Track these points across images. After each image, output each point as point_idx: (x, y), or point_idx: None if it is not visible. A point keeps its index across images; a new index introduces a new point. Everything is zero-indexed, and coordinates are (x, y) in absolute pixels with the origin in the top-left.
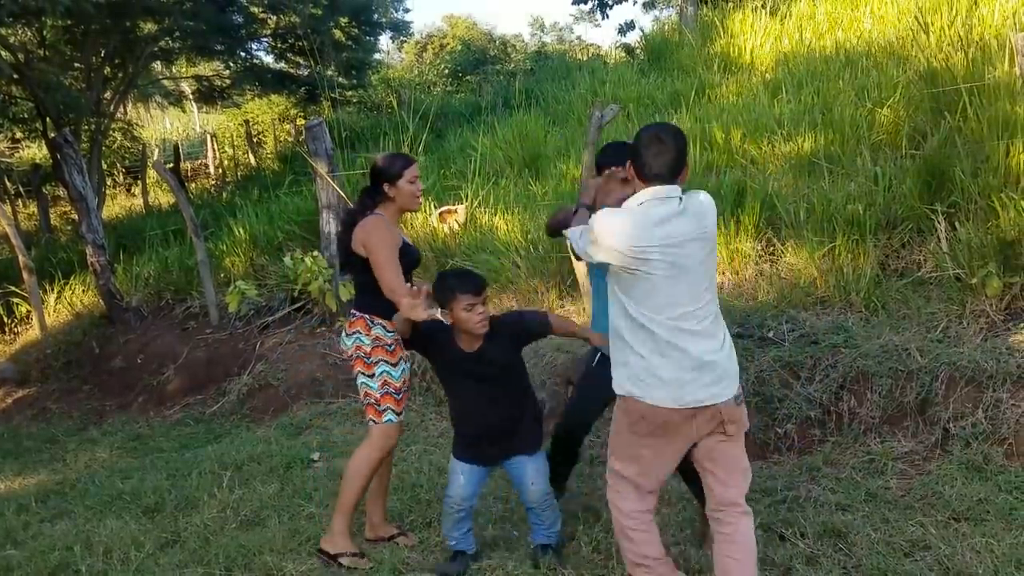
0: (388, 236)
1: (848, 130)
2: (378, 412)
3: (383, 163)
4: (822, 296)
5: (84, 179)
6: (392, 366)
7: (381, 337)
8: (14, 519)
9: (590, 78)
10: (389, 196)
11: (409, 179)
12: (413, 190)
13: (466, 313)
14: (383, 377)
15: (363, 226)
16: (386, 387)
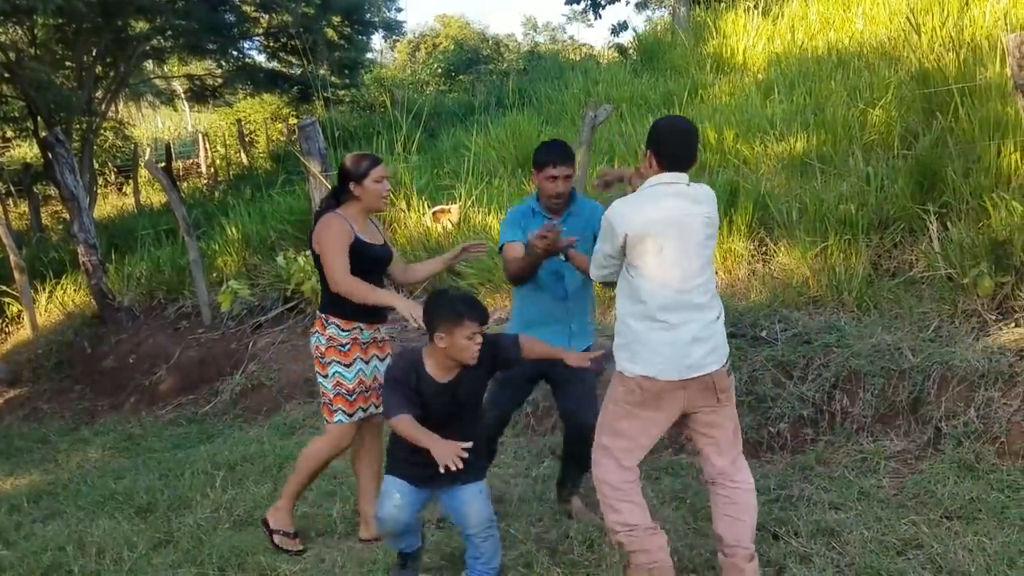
0: (336, 232)
1: (840, 130)
2: (330, 412)
3: (350, 163)
4: (814, 296)
5: (76, 178)
6: (345, 367)
7: (335, 337)
8: (6, 519)
9: (583, 78)
10: (355, 196)
11: (375, 179)
12: (379, 190)
13: (467, 341)
14: (335, 378)
15: (318, 224)
16: (338, 388)
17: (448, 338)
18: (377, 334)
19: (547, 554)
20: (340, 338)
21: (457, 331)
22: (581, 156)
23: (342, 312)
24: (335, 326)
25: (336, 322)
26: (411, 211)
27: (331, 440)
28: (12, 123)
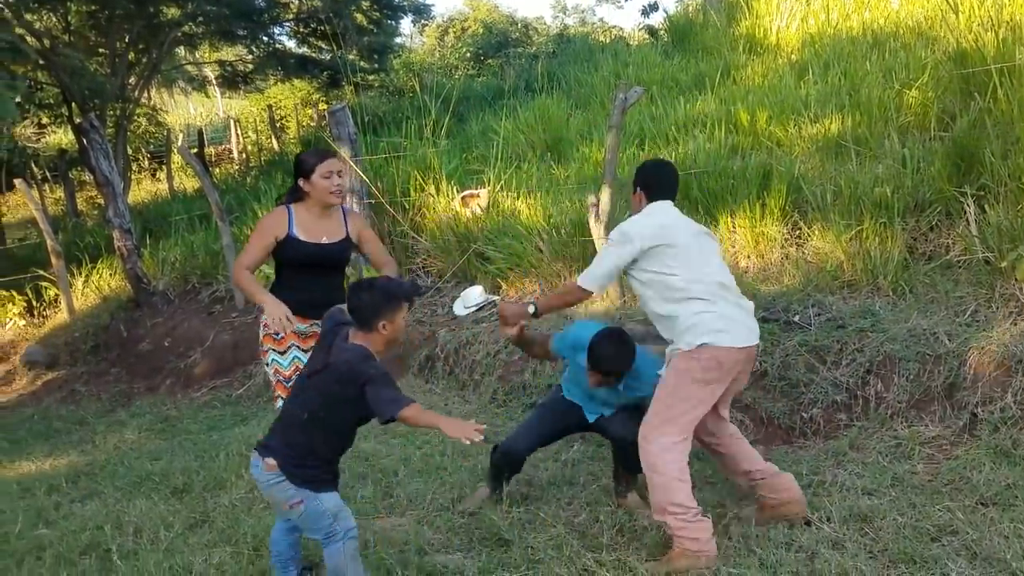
0: (265, 224)
1: (876, 112)
2: (273, 398)
3: (300, 159)
4: (849, 280)
5: (110, 164)
6: (280, 354)
7: (268, 324)
8: (45, 499)
9: (613, 60)
10: (306, 190)
11: (322, 174)
12: (327, 185)
13: (404, 322)
14: (273, 365)
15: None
16: (276, 375)
17: (391, 325)
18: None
19: (577, 537)
20: (270, 326)
21: (399, 314)
22: (611, 139)
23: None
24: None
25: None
26: (440, 196)
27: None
28: (47, 110)
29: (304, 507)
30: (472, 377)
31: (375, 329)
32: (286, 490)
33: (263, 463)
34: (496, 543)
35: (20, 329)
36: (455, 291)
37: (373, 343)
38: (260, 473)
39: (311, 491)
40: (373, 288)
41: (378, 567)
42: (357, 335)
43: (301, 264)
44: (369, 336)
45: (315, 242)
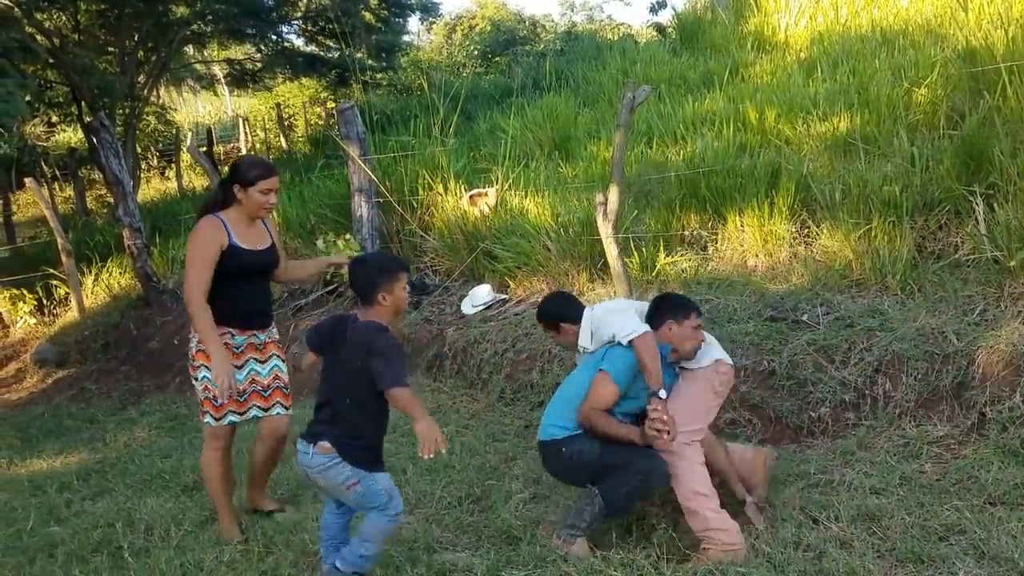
0: (204, 241)
1: (884, 110)
2: (201, 413)
3: (243, 166)
4: (857, 279)
5: (120, 163)
6: (209, 370)
7: (210, 386)
8: (57, 497)
9: (621, 58)
10: (239, 199)
11: (262, 189)
12: (263, 201)
13: (403, 292)
14: (204, 382)
15: (198, 225)
16: (205, 392)
17: (391, 296)
18: (255, 339)
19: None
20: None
21: (396, 285)
22: (620, 138)
23: (219, 315)
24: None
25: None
26: (448, 194)
27: (208, 442)
28: (57, 108)
29: (361, 487)
30: (480, 376)
31: (376, 302)
32: (342, 471)
33: (315, 448)
34: (504, 541)
35: (31, 327)
36: (463, 290)
37: (380, 316)
38: (312, 459)
39: (366, 471)
40: (367, 263)
41: (387, 564)
42: (365, 313)
43: (241, 273)
44: (372, 310)
45: (253, 248)
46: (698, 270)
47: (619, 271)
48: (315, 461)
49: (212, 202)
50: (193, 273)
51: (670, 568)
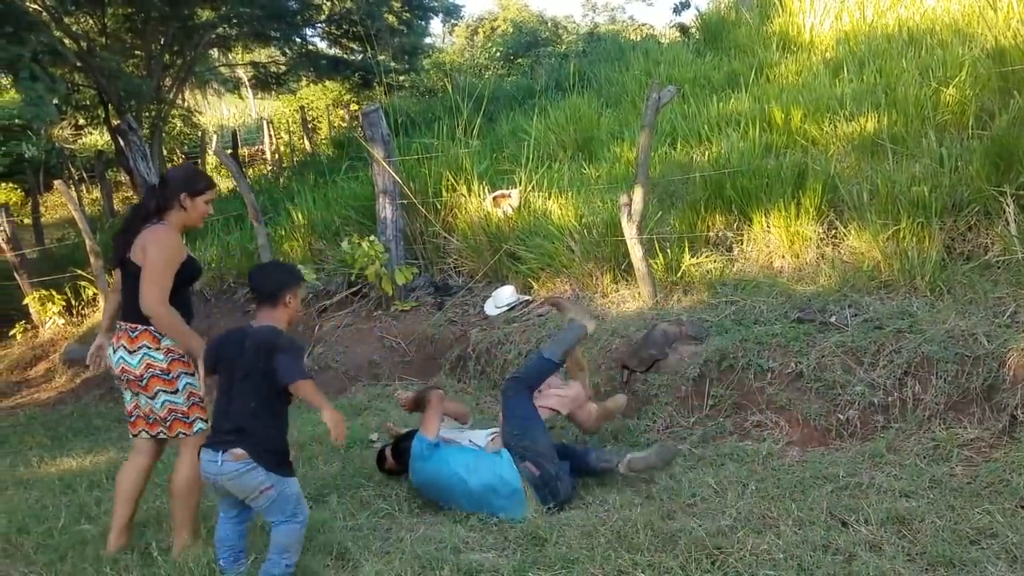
0: (172, 250)
1: (912, 110)
2: (187, 424)
3: (191, 175)
4: (886, 280)
5: (148, 165)
6: (190, 376)
7: (173, 348)
8: (86, 495)
9: (644, 59)
10: (183, 207)
11: (207, 199)
12: (206, 211)
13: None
14: (187, 389)
15: (151, 232)
16: (192, 398)
17: (295, 299)
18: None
19: (612, 537)
20: (177, 349)
21: (299, 291)
22: (644, 138)
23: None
24: (170, 339)
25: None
26: (471, 196)
27: (192, 452)
28: (84, 111)
29: (274, 491)
30: (504, 376)
31: (282, 303)
32: (256, 476)
33: (228, 455)
34: (530, 542)
35: (59, 328)
36: (486, 291)
37: (279, 319)
38: (222, 467)
39: (279, 475)
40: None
41: (413, 564)
42: (262, 318)
43: (188, 282)
44: (275, 312)
45: (194, 257)
46: (724, 271)
47: (644, 272)
48: (227, 468)
49: (148, 211)
50: (162, 282)
51: (698, 571)
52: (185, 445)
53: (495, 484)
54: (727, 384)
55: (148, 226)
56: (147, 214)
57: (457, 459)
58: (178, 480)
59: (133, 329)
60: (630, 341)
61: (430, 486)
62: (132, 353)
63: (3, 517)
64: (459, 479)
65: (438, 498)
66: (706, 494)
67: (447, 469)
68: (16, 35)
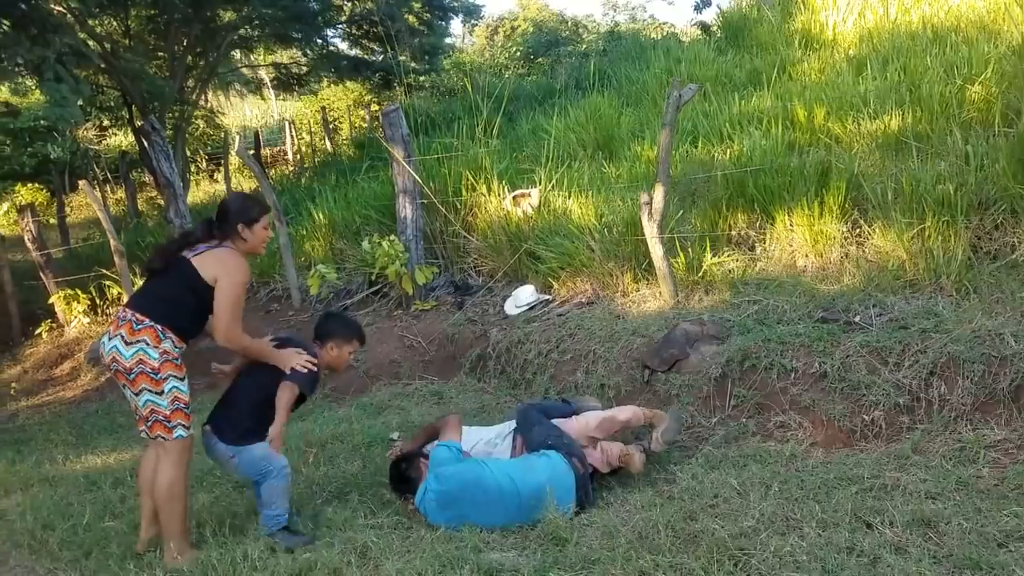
0: (245, 277)
1: (937, 108)
2: (167, 428)
3: (242, 203)
4: (911, 279)
5: (171, 165)
6: (180, 380)
7: (169, 351)
8: (111, 492)
9: (665, 57)
10: (243, 237)
11: (264, 225)
12: (266, 236)
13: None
14: (173, 393)
15: (224, 257)
16: (176, 403)
17: (337, 349)
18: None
19: (633, 538)
20: (174, 352)
21: (347, 346)
22: (665, 137)
23: (183, 331)
24: (171, 341)
25: (172, 338)
26: (491, 195)
27: (177, 455)
28: (108, 112)
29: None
30: (524, 376)
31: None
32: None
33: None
34: (551, 542)
35: (84, 326)
36: (506, 290)
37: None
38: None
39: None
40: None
41: (434, 563)
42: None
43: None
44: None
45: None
46: (746, 270)
47: (664, 271)
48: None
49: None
50: (237, 312)
51: (721, 572)
52: (166, 451)
53: (551, 483)
54: (750, 384)
55: (218, 247)
56: (194, 241)
57: (501, 464)
58: (158, 485)
59: (139, 321)
60: (651, 341)
61: (462, 492)
62: (128, 345)
63: (29, 514)
64: (509, 482)
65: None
66: (728, 495)
67: (489, 474)
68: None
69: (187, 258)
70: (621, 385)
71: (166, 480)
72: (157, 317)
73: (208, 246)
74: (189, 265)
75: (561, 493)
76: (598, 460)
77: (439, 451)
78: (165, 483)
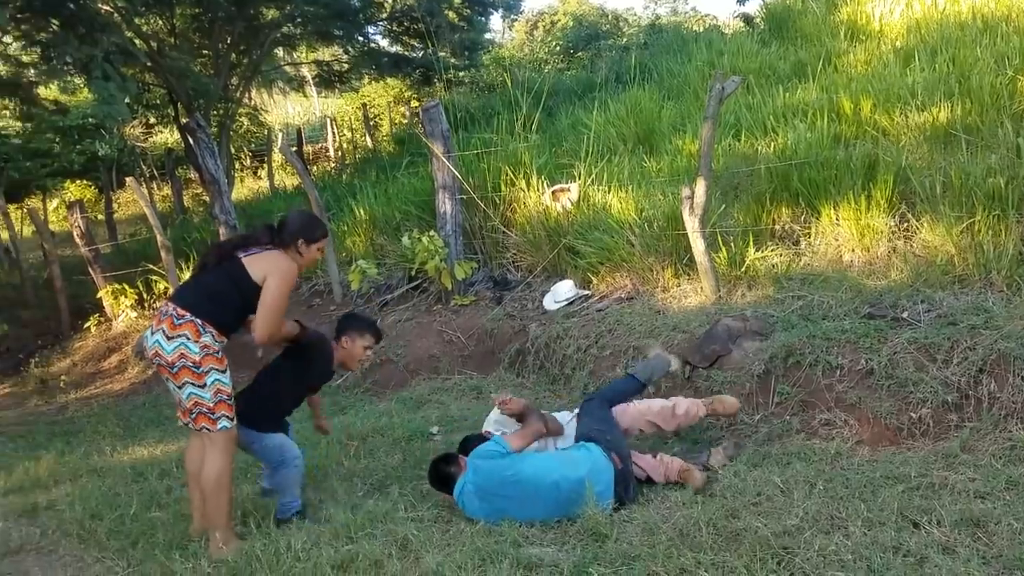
0: (292, 279)
1: (987, 100)
2: (211, 420)
3: (307, 223)
4: (960, 274)
5: (216, 162)
6: (222, 373)
7: (210, 345)
8: (157, 483)
9: (707, 50)
10: (299, 252)
11: (320, 247)
12: (318, 258)
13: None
14: (215, 386)
15: (277, 259)
16: (219, 395)
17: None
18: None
19: (675, 535)
20: (215, 346)
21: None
22: (707, 130)
23: (223, 324)
24: (211, 335)
25: (212, 332)
26: (530, 190)
27: (224, 445)
28: (154, 110)
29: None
30: (563, 371)
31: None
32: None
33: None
34: (591, 538)
35: (131, 321)
36: (545, 286)
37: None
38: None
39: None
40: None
41: (473, 556)
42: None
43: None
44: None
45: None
46: (790, 265)
47: (706, 266)
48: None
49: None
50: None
51: (764, 571)
52: (212, 442)
53: (590, 478)
54: (794, 381)
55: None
56: (255, 241)
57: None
58: (206, 476)
59: (180, 316)
60: (692, 337)
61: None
62: (170, 339)
63: (77, 504)
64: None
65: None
66: (772, 493)
67: (528, 468)
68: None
69: (239, 257)
70: (661, 381)
71: (214, 470)
72: (198, 312)
73: (262, 249)
74: (239, 264)
75: (601, 488)
76: (653, 468)
77: (485, 445)
78: (213, 473)
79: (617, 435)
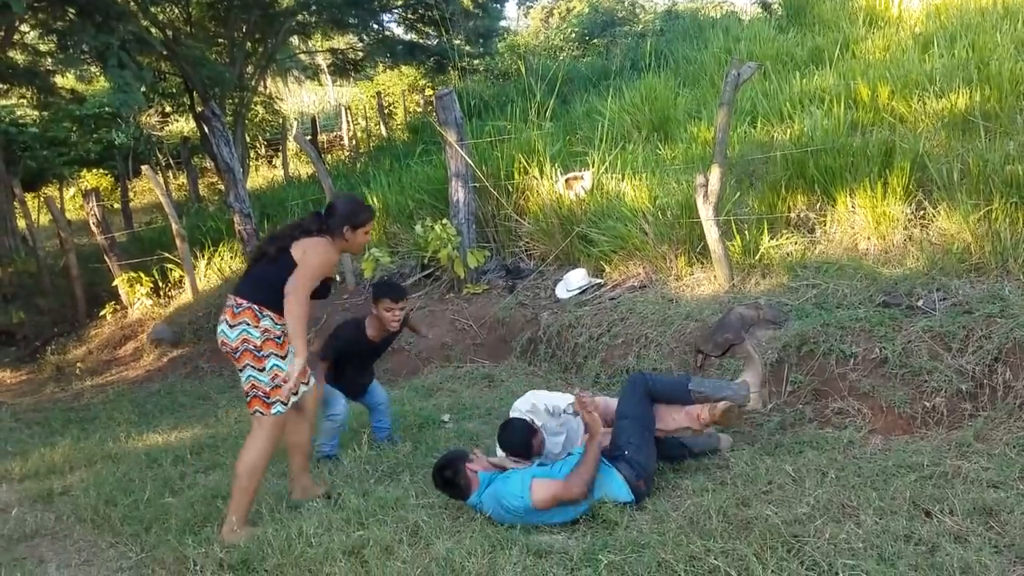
0: (327, 260)
1: (1007, 86)
2: (266, 404)
3: (353, 207)
4: (977, 263)
5: (231, 151)
6: (281, 359)
7: (270, 329)
8: (171, 469)
9: (724, 36)
10: (345, 238)
11: (367, 231)
12: (365, 241)
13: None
14: (273, 371)
15: (317, 242)
16: (276, 380)
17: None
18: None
19: (684, 523)
20: (275, 330)
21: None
22: (722, 117)
23: (278, 307)
24: (269, 319)
25: (271, 315)
26: (544, 178)
27: (272, 431)
28: (170, 99)
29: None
30: (575, 360)
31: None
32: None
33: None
34: (600, 525)
35: (147, 308)
36: (558, 274)
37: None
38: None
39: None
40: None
41: (483, 543)
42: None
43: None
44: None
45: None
46: (805, 253)
47: (720, 254)
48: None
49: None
50: (308, 282)
51: (774, 559)
52: (261, 425)
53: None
54: (807, 370)
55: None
56: (305, 230)
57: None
58: (244, 459)
59: (238, 305)
60: (705, 325)
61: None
62: (232, 327)
63: (92, 489)
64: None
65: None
66: (783, 481)
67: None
68: (105, 24)
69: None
70: (674, 370)
71: (254, 454)
72: (254, 298)
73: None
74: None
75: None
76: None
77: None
78: (252, 457)
79: (649, 452)
